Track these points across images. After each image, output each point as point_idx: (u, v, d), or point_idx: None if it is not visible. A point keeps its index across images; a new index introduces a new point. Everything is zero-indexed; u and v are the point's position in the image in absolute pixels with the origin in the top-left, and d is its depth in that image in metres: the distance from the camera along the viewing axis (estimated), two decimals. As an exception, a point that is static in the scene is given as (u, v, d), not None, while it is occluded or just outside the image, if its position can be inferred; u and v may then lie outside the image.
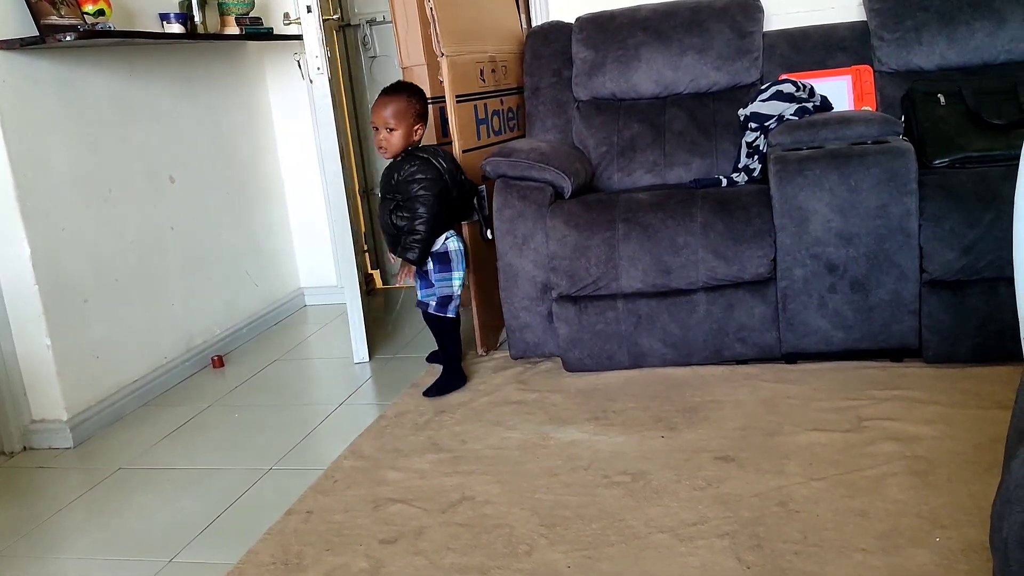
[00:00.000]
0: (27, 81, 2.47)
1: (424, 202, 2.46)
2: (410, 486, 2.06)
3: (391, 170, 2.53)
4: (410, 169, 2.47)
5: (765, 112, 2.75)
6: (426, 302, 2.61)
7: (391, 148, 2.52)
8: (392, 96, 2.52)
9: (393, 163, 2.54)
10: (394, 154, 2.53)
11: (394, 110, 2.49)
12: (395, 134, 2.50)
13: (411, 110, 2.52)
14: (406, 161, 2.50)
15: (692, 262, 2.48)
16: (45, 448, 2.54)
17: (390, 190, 2.53)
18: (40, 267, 2.47)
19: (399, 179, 2.49)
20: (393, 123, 2.50)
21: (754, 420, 2.22)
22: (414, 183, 2.47)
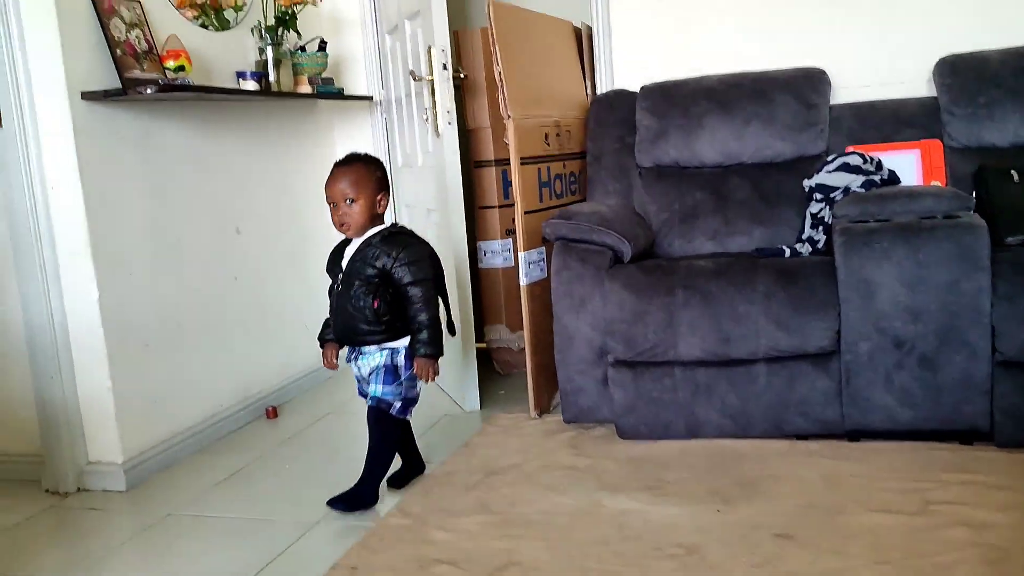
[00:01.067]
0: (107, 132, 2.57)
1: (425, 286, 2.24)
2: (457, 547, 2.02)
3: (367, 250, 2.25)
4: (404, 251, 2.23)
5: (831, 183, 2.71)
6: (388, 401, 2.28)
7: (354, 223, 2.24)
8: (347, 166, 2.27)
9: (364, 242, 2.26)
10: (358, 229, 2.25)
11: (351, 180, 2.23)
12: (356, 206, 2.23)
13: (371, 177, 2.26)
14: (393, 242, 2.24)
15: (753, 332, 2.43)
16: (99, 490, 2.56)
17: (363, 272, 2.24)
18: (107, 311, 2.53)
19: (386, 263, 2.22)
20: (352, 193, 2.22)
21: (815, 498, 2.14)
22: (411, 265, 2.22)
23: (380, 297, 2.22)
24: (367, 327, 2.25)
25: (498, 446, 2.66)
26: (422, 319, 2.24)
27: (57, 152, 2.46)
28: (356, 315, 2.24)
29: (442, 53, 2.86)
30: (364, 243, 2.27)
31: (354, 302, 2.24)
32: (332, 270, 2.36)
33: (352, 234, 2.29)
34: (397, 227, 2.35)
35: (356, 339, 2.29)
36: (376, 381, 2.29)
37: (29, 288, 2.51)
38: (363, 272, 2.24)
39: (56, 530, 2.34)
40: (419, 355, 2.24)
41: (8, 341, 2.61)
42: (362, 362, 2.32)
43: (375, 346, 2.29)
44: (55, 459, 2.56)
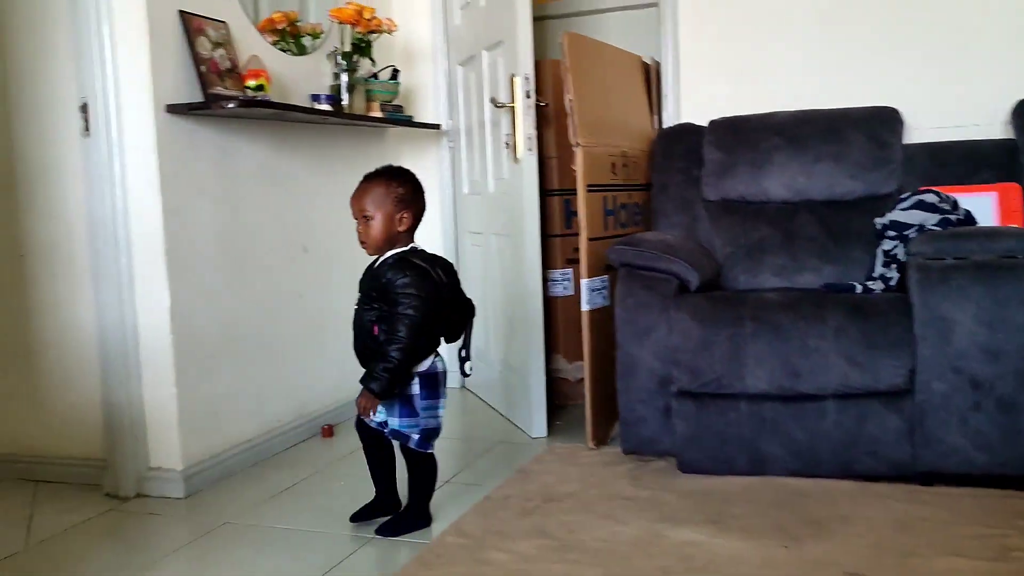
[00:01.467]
0: (188, 145, 2.63)
1: (408, 324, 2.07)
2: (514, 569, 1.98)
3: (378, 269, 2.19)
4: (401, 279, 2.10)
5: (905, 221, 2.67)
6: (406, 434, 2.18)
7: (370, 240, 2.17)
8: (369, 181, 2.20)
9: (381, 262, 2.19)
10: (375, 247, 2.18)
11: (369, 196, 2.17)
12: (372, 224, 2.15)
13: (390, 195, 2.16)
14: (397, 268, 2.12)
15: (823, 367, 2.38)
16: (157, 496, 2.58)
17: (370, 293, 2.18)
18: (176, 318, 2.57)
19: (386, 286, 2.12)
20: (370, 210, 2.15)
21: (886, 539, 2.06)
22: (403, 297, 2.08)
23: (379, 324, 2.13)
24: (373, 348, 2.14)
25: (555, 474, 2.62)
26: (390, 352, 2.07)
27: (139, 162, 2.53)
28: (361, 335, 2.18)
29: (526, 81, 2.90)
30: (381, 263, 2.19)
31: (362, 323, 2.17)
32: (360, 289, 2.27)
33: (369, 252, 2.21)
34: (415, 252, 2.21)
35: (367, 361, 2.18)
36: (392, 413, 2.18)
37: (104, 293, 2.56)
38: (370, 293, 2.16)
39: (115, 532, 2.36)
40: (365, 385, 2.09)
41: (81, 345, 2.67)
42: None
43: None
44: (117, 463, 2.59)
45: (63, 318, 2.70)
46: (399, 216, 2.17)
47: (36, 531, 2.36)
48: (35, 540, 2.30)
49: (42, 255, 2.71)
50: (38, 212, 2.71)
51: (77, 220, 2.62)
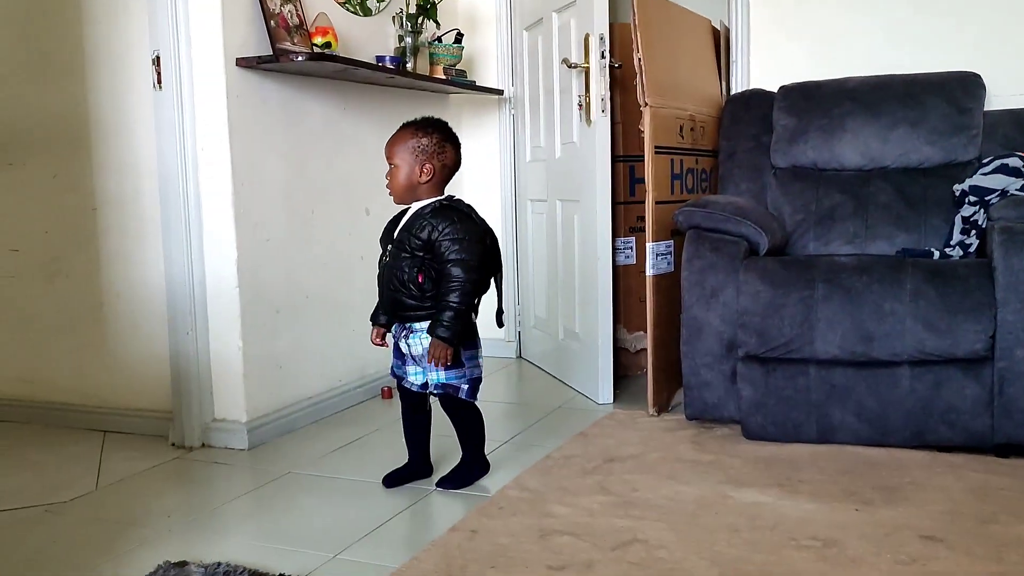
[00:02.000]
0: (257, 99, 2.65)
1: (465, 267, 2.06)
2: (578, 522, 1.96)
3: (414, 220, 2.14)
4: (448, 226, 2.07)
5: (987, 186, 2.57)
6: (456, 386, 2.16)
7: (394, 188, 2.16)
8: (401, 131, 2.18)
9: (415, 213, 2.15)
10: (398, 195, 2.17)
11: (397, 144, 2.15)
12: (397, 172, 2.14)
13: (415, 144, 2.13)
14: (441, 215, 2.10)
15: (898, 332, 2.30)
16: (222, 447, 2.62)
17: (410, 244, 2.11)
18: (243, 272, 2.60)
19: (430, 235, 2.09)
20: (397, 159, 2.14)
21: (962, 506, 1.99)
22: (453, 242, 2.06)
23: (425, 272, 2.09)
24: (414, 302, 2.11)
25: (615, 437, 2.59)
26: (452, 300, 2.06)
27: (209, 115, 2.55)
28: (402, 288, 2.12)
29: (600, 40, 2.86)
30: (415, 214, 2.15)
31: (399, 274, 2.12)
32: (383, 242, 2.24)
33: (395, 200, 2.19)
34: (453, 200, 2.18)
35: (403, 315, 2.15)
36: (436, 367, 2.14)
37: (173, 246, 2.60)
38: (410, 244, 2.10)
39: (182, 478, 2.40)
40: (435, 335, 2.06)
41: (150, 298, 2.71)
42: (413, 341, 2.16)
43: (425, 323, 2.12)
44: (183, 414, 2.63)
45: (133, 271, 2.75)
46: (422, 167, 2.14)
47: (106, 475, 2.41)
48: (105, 482, 2.35)
49: (113, 208, 2.76)
50: (110, 166, 2.75)
51: (148, 174, 2.66)
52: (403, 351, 2.21)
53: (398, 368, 2.26)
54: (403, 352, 2.21)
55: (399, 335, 2.21)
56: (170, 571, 1.72)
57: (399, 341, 2.21)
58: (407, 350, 2.19)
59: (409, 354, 2.20)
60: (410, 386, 2.23)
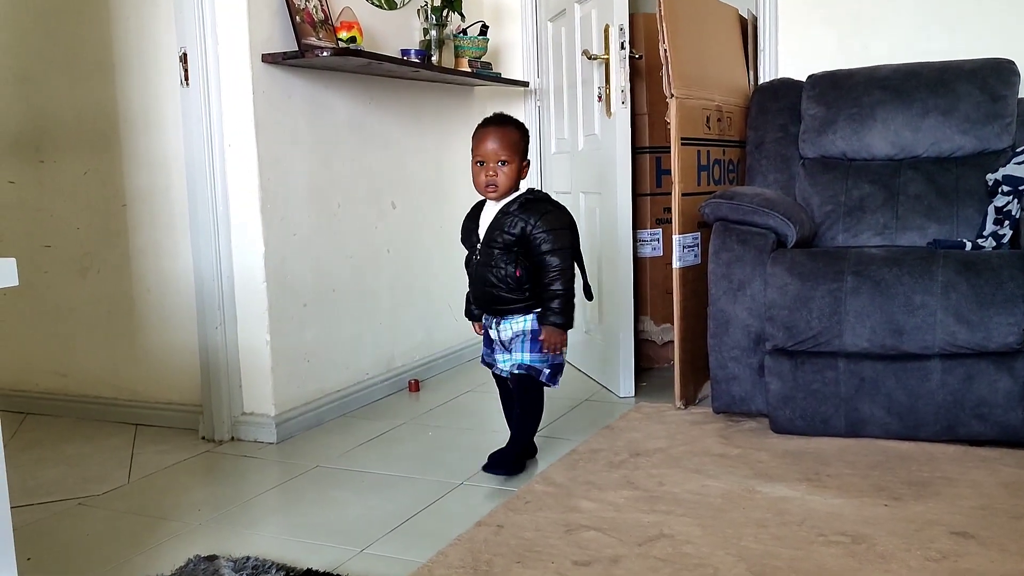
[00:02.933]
0: (282, 95, 2.66)
1: (565, 255, 2.18)
2: (604, 516, 1.96)
3: (504, 217, 2.20)
4: (544, 218, 2.16)
5: (1021, 175, 2.52)
6: (539, 368, 2.24)
7: (501, 185, 2.19)
8: (503, 126, 2.23)
9: (504, 211, 2.20)
10: (504, 191, 2.20)
11: (508, 141, 2.19)
12: (506, 168, 2.18)
13: (523, 143, 2.23)
14: (533, 208, 2.18)
15: (929, 324, 2.27)
16: (251, 440, 2.64)
17: (502, 240, 2.18)
18: (270, 266, 2.62)
19: (524, 227, 2.16)
20: (506, 155, 2.18)
21: (995, 501, 1.97)
22: (552, 232, 2.16)
23: (520, 265, 2.18)
24: (511, 295, 2.21)
25: (642, 430, 2.58)
26: (556, 288, 2.17)
27: (236, 111, 2.57)
28: (499, 284, 2.20)
29: (620, 31, 2.84)
30: (501, 211, 2.21)
31: (496, 271, 2.20)
32: (468, 239, 2.31)
33: (496, 197, 2.22)
34: (535, 193, 2.26)
35: (499, 308, 2.24)
36: (522, 348, 2.24)
37: (201, 240, 2.62)
38: (502, 240, 2.18)
39: (212, 471, 2.43)
40: (548, 323, 2.18)
41: (179, 292, 2.74)
42: (504, 327, 2.26)
43: (520, 314, 2.23)
44: (213, 408, 2.66)
45: (163, 265, 2.78)
46: (525, 164, 2.25)
47: (137, 468, 2.45)
48: (137, 476, 2.38)
49: (143, 204, 2.79)
50: (140, 162, 2.78)
51: (176, 169, 2.69)
52: (494, 338, 2.30)
53: (488, 356, 2.36)
54: (492, 339, 2.31)
55: (489, 324, 2.31)
56: (200, 564, 1.75)
57: (489, 330, 2.31)
58: (496, 336, 2.29)
59: (498, 340, 2.29)
60: (500, 372, 2.33)
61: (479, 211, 2.31)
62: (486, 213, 2.28)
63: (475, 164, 2.23)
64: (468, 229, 2.32)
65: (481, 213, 2.29)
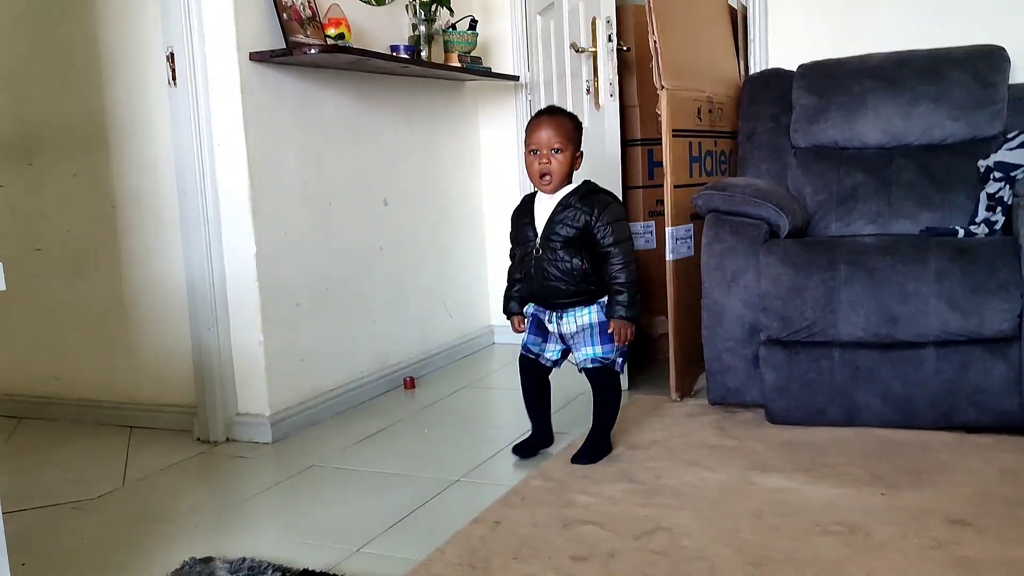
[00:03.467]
0: (271, 93, 2.65)
1: (629, 247, 2.19)
2: (601, 511, 1.95)
3: (563, 211, 2.19)
4: (608, 209, 2.18)
5: (1013, 161, 2.52)
6: (611, 358, 2.25)
7: (556, 174, 2.18)
8: (556, 116, 2.24)
9: (564, 203, 2.20)
10: (560, 181, 2.20)
11: (561, 128, 2.19)
12: (560, 156, 2.17)
13: (577, 132, 2.24)
14: (595, 200, 2.19)
15: (923, 312, 2.27)
16: (246, 441, 2.63)
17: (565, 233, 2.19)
18: (262, 265, 2.60)
19: (587, 219, 2.17)
20: (559, 143, 2.17)
21: (992, 488, 1.97)
22: (614, 223, 2.17)
23: (585, 258, 2.18)
24: (574, 288, 2.20)
25: (638, 423, 2.58)
26: (622, 280, 2.18)
27: (224, 111, 2.55)
28: (564, 278, 2.20)
29: (607, 24, 2.83)
30: (561, 204, 2.20)
31: (560, 265, 2.19)
32: (521, 233, 2.28)
33: (551, 188, 2.21)
34: (592, 185, 2.25)
35: (562, 302, 2.23)
36: (592, 342, 2.24)
37: (192, 241, 2.61)
38: (565, 234, 2.18)
39: (208, 472, 2.42)
40: (617, 316, 2.19)
41: (171, 294, 2.73)
42: (566, 319, 2.24)
43: (581, 306, 2.23)
44: (207, 409, 2.65)
45: (154, 267, 2.76)
46: (579, 154, 2.25)
47: (133, 471, 2.44)
48: (132, 479, 2.37)
49: (133, 206, 2.78)
50: (129, 164, 2.77)
51: (165, 170, 2.67)
52: (551, 330, 2.29)
53: (535, 345, 2.34)
54: (547, 331, 2.30)
55: (545, 316, 2.29)
56: (196, 567, 1.74)
57: (545, 320, 2.29)
58: (555, 329, 2.28)
59: (557, 332, 2.28)
60: (546, 362, 2.35)
61: (530, 205, 2.29)
62: (540, 207, 2.26)
63: (528, 154, 2.23)
64: (520, 223, 2.29)
65: (534, 207, 2.27)
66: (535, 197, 2.29)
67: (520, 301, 2.35)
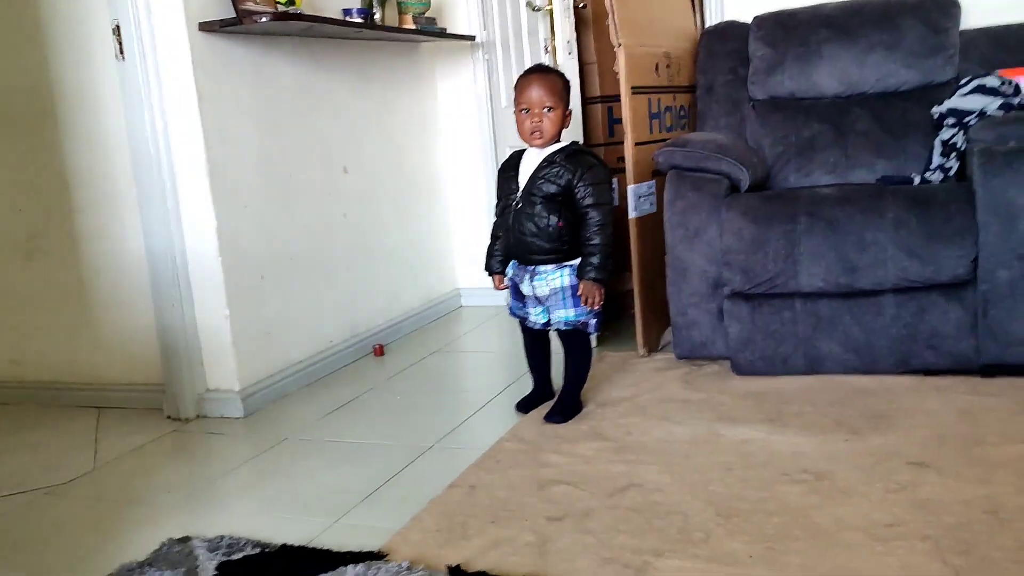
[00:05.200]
0: (223, 64, 2.59)
1: (608, 209, 2.20)
2: (575, 470, 1.99)
3: (548, 167, 2.20)
4: (591, 171, 2.18)
5: (965, 107, 2.55)
6: (585, 321, 2.28)
7: (547, 132, 2.19)
8: (546, 74, 2.24)
9: (550, 160, 2.21)
10: (550, 138, 2.21)
11: (553, 87, 2.20)
12: (552, 115, 2.18)
13: (565, 91, 2.24)
14: (581, 160, 2.20)
15: (881, 260, 2.31)
16: (217, 417, 2.63)
17: (546, 190, 2.19)
18: (224, 240, 2.57)
19: (570, 179, 2.18)
20: (551, 101, 2.18)
21: (950, 430, 2.03)
22: (597, 185, 2.18)
23: (563, 217, 2.19)
24: (549, 245, 2.22)
25: (608, 380, 2.61)
26: (596, 242, 2.19)
27: (176, 83, 2.50)
28: (539, 233, 2.21)
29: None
30: (546, 160, 2.22)
31: (537, 220, 2.21)
32: (505, 187, 2.30)
33: (542, 143, 2.22)
34: (579, 145, 2.28)
35: (535, 258, 2.25)
36: (564, 305, 2.26)
37: (151, 217, 2.57)
38: (546, 190, 2.20)
39: (180, 450, 2.41)
40: (587, 278, 2.20)
41: (131, 271, 2.69)
42: (538, 283, 2.26)
43: (553, 266, 2.24)
44: (175, 386, 2.63)
45: (112, 245, 2.72)
46: (569, 112, 2.25)
47: (103, 452, 2.42)
48: (103, 460, 2.36)
49: (86, 183, 2.72)
50: (80, 141, 2.70)
51: (118, 146, 2.62)
52: (526, 293, 2.31)
53: (519, 309, 2.37)
54: (525, 294, 2.31)
55: (521, 278, 2.31)
56: (174, 547, 1.74)
57: (521, 284, 2.31)
58: (531, 292, 2.29)
59: (533, 295, 2.30)
60: (533, 325, 2.35)
61: (518, 160, 2.30)
62: (526, 162, 2.27)
63: (519, 112, 2.23)
64: (506, 177, 2.31)
65: (521, 162, 2.29)
66: (523, 153, 2.30)
67: (502, 261, 2.36)
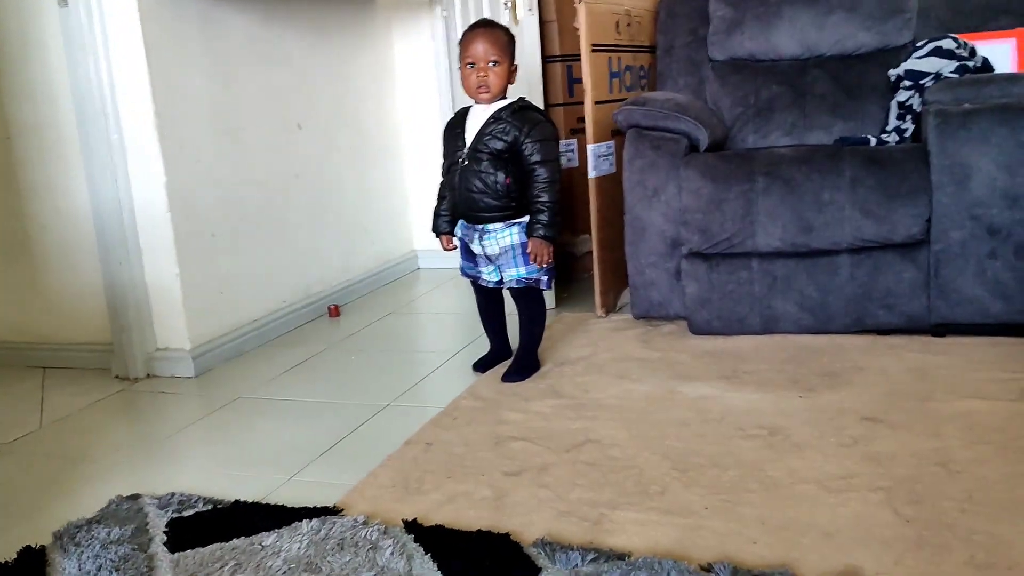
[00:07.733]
0: (172, 16, 2.51)
1: (556, 167, 2.18)
2: (532, 427, 1.98)
3: (494, 124, 2.17)
4: (539, 127, 2.16)
5: (921, 69, 2.57)
6: (536, 278, 2.27)
7: (493, 86, 2.17)
8: (492, 28, 2.21)
9: (496, 117, 2.18)
10: (496, 93, 2.19)
11: (497, 41, 2.17)
12: (498, 69, 2.16)
13: (511, 46, 2.22)
14: (528, 117, 2.17)
15: (837, 220, 2.33)
16: (167, 376, 2.57)
17: (492, 146, 2.16)
18: (173, 196, 2.51)
19: (517, 135, 2.15)
20: (496, 55, 2.15)
21: (902, 386, 2.06)
22: (544, 142, 2.16)
23: (510, 173, 2.17)
24: (496, 202, 2.19)
25: (566, 340, 2.61)
26: (544, 199, 2.17)
27: (122, 33, 2.41)
28: (486, 191, 2.18)
29: (519, -65, 2.75)
30: (493, 117, 2.19)
31: (484, 177, 2.18)
32: (451, 144, 2.27)
33: (488, 98, 2.19)
34: (526, 102, 2.24)
35: (483, 216, 2.22)
36: (515, 263, 2.25)
37: (96, 172, 2.49)
38: (493, 147, 2.16)
39: (129, 409, 2.36)
40: (536, 236, 2.18)
41: (77, 227, 2.61)
42: (488, 241, 2.24)
43: (502, 223, 2.21)
44: (124, 345, 2.57)
45: (57, 201, 2.63)
46: (514, 67, 2.23)
47: (50, 412, 2.36)
48: (49, 419, 2.30)
49: (29, 137, 2.62)
50: (19, 91, 2.60)
51: (62, 97, 2.52)
52: (476, 252, 2.28)
53: (470, 269, 2.34)
54: (475, 253, 2.29)
55: (471, 238, 2.28)
56: (123, 504, 1.70)
57: (471, 244, 2.28)
58: (481, 251, 2.27)
59: (483, 254, 2.27)
60: (485, 284, 2.32)
61: (464, 117, 2.26)
62: (473, 119, 2.23)
63: (464, 67, 2.20)
64: (453, 135, 2.27)
65: (467, 119, 2.25)
66: (469, 111, 2.26)
67: (449, 221, 2.32)
